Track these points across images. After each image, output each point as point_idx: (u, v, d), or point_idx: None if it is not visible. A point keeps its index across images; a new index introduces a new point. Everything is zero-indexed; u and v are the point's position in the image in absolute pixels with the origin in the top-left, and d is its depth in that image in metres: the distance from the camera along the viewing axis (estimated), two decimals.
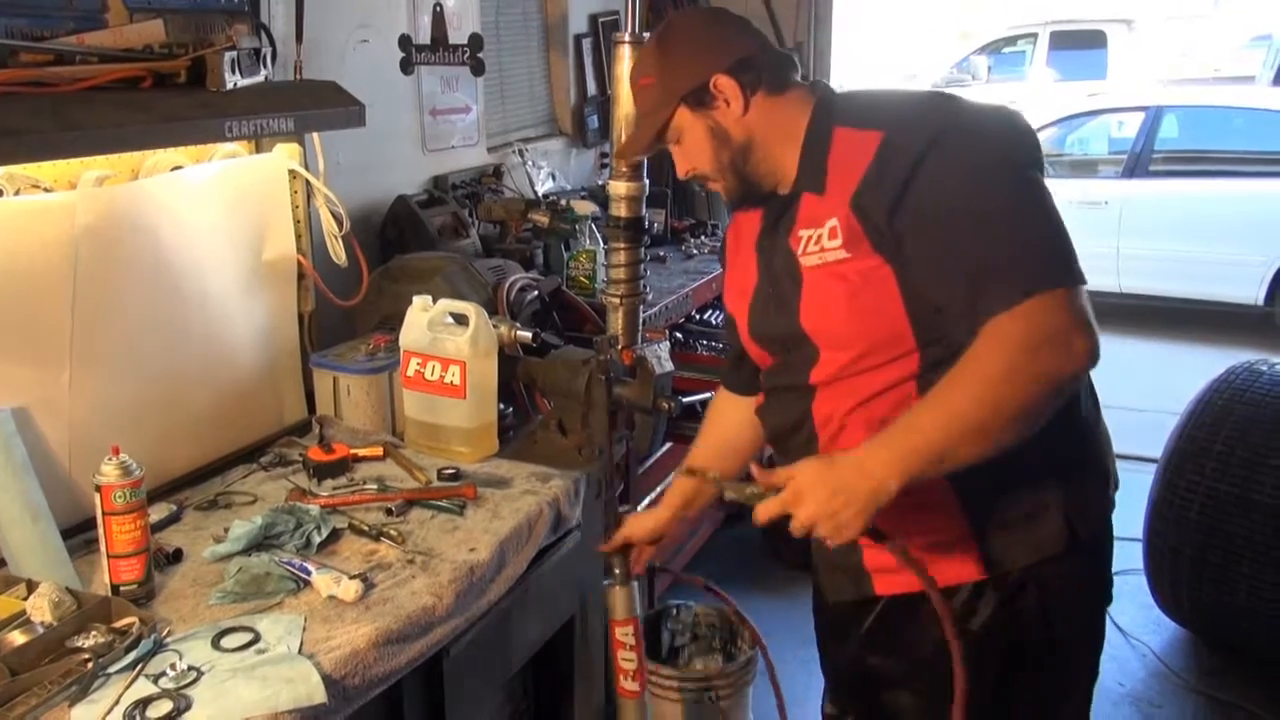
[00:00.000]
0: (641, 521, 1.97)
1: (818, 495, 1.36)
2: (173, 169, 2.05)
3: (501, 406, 2.26)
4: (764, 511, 1.41)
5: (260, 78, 2.03)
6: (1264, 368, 3.33)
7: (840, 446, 1.55)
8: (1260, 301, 6.73)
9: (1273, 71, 10.56)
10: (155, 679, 1.40)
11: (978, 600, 1.55)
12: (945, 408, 1.36)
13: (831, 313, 1.52)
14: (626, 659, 1.57)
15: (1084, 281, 1.39)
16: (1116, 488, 1.66)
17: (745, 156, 1.59)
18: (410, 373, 2.16)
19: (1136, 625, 3.46)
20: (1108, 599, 1.69)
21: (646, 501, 3.12)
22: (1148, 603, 3.42)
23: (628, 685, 1.53)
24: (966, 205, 1.41)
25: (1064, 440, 1.50)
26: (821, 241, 1.51)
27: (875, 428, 1.46)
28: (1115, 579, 1.68)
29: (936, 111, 1.51)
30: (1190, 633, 3.44)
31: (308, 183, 2.30)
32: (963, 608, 1.54)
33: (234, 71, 1.94)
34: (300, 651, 1.48)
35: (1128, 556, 3.11)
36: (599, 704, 2.36)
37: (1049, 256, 1.39)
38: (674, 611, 2.77)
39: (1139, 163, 7.12)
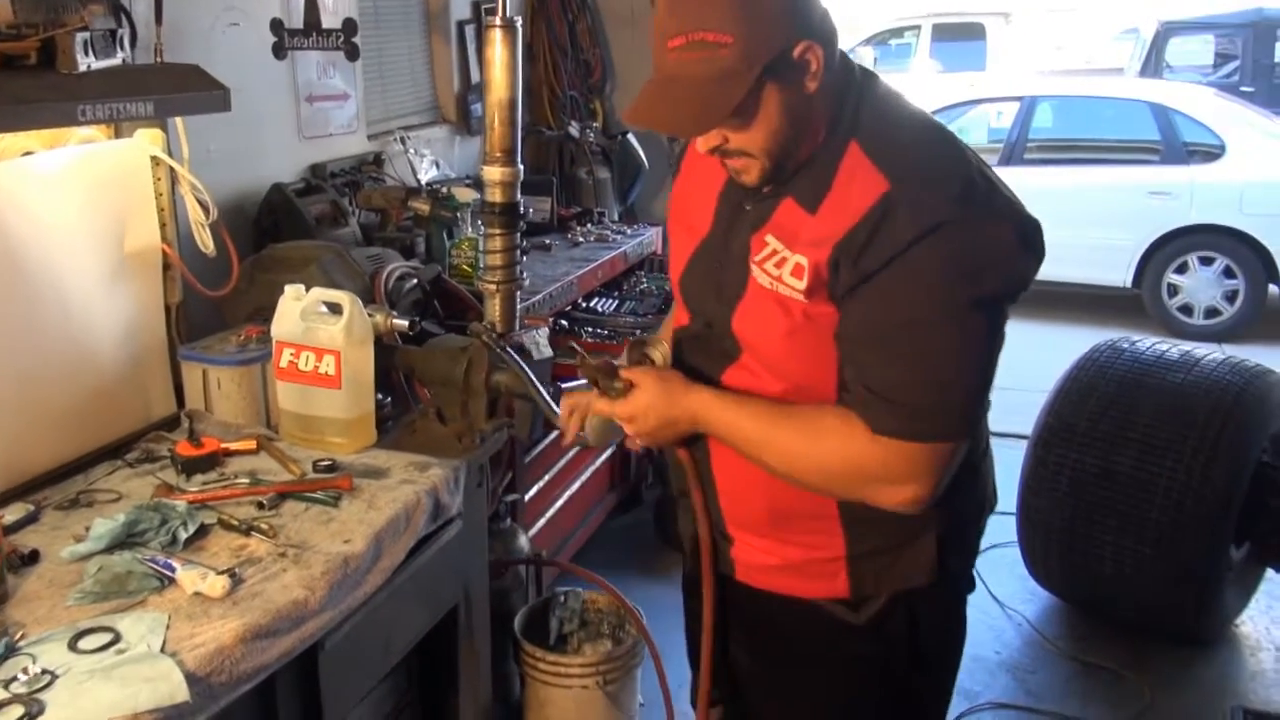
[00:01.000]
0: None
1: (650, 421, 1.53)
2: (23, 154, 1.97)
3: (380, 396, 2.22)
4: (601, 407, 1.58)
5: (117, 60, 1.96)
6: (1125, 345, 3.50)
7: (730, 462, 1.54)
8: (1128, 284, 7.06)
9: (1140, 63, 11.05)
10: (6, 684, 1.34)
11: (848, 613, 1.56)
12: (768, 433, 1.46)
13: (767, 334, 1.46)
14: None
15: (965, 437, 1.40)
16: (993, 510, 1.67)
17: (800, 139, 1.38)
18: (283, 364, 2.11)
19: (1011, 595, 3.58)
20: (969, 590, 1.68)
21: (535, 490, 3.13)
22: (1022, 573, 3.55)
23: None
24: (912, 318, 1.33)
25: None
26: (783, 270, 1.41)
27: None
28: (991, 552, 1.74)
29: (950, 191, 1.33)
30: (1062, 601, 3.59)
31: (172, 170, 2.23)
32: (835, 618, 1.56)
33: (87, 53, 1.88)
34: (163, 650, 1.43)
35: (1002, 530, 3.23)
36: (486, 693, 2.35)
37: (947, 410, 1.37)
38: (562, 599, 2.77)
39: (1014, 152, 7.38)
